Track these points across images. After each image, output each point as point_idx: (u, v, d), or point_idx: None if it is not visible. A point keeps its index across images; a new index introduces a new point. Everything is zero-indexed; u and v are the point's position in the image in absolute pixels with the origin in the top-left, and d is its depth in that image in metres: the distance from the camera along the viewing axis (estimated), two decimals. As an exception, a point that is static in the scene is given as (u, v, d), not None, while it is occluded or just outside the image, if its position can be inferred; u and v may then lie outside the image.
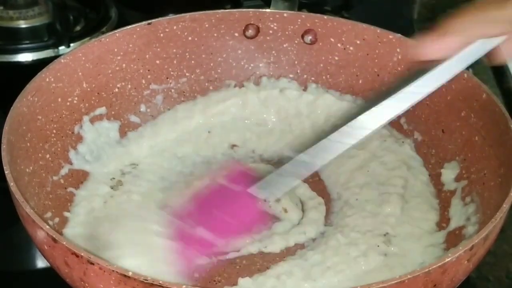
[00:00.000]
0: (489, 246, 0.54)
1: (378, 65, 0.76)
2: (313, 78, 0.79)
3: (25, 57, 0.87)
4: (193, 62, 0.78)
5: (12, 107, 0.62)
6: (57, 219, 0.63)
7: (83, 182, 0.69)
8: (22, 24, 0.89)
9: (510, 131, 0.61)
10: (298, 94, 0.78)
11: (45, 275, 0.65)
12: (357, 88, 0.77)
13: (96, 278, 0.48)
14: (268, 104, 0.78)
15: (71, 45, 0.87)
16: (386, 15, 0.97)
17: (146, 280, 0.46)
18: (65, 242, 0.49)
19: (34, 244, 0.54)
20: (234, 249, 0.63)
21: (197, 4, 0.80)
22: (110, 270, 0.47)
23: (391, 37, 0.75)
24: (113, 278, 0.47)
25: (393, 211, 0.65)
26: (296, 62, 0.80)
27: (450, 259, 0.49)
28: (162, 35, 0.76)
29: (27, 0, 0.91)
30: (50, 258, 0.52)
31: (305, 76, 0.79)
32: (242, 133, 0.76)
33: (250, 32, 0.79)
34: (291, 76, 0.80)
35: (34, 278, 0.66)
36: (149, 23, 0.75)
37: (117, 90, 0.74)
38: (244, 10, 0.79)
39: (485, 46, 0.51)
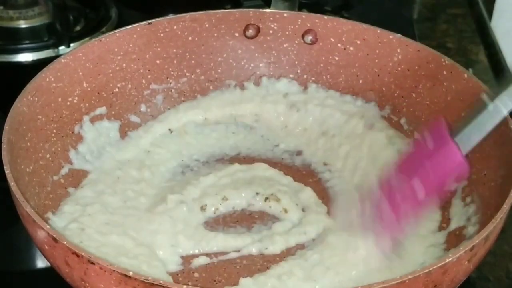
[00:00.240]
0: (489, 246, 0.54)
1: (378, 65, 0.76)
2: (313, 78, 0.79)
3: (25, 57, 0.87)
4: (193, 62, 0.78)
5: (12, 107, 0.62)
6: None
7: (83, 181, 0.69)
8: (22, 24, 0.89)
9: (510, 131, 0.60)
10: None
11: (45, 275, 0.65)
12: (357, 88, 0.77)
13: (96, 278, 0.48)
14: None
15: (71, 45, 0.87)
16: (386, 15, 0.97)
17: (147, 280, 0.46)
18: (65, 242, 0.49)
19: (34, 244, 0.54)
20: (235, 248, 0.63)
21: (197, 4, 0.80)
22: (110, 270, 0.47)
23: (391, 37, 0.75)
24: (113, 278, 0.47)
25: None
26: (296, 62, 0.79)
27: (450, 260, 0.49)
28: (162, 35, 0.76)
29: (27, 0, 0.91)
30: (51, 258, 0.52)
31: (305, 76, 0.79)
32: (243, 132, 0.77)
33: (250, 32, 0.79)
34: (291, 76, 0.80)
35: (34, 278, 0.66)
36: (149, 23, 0.75)
37: (117, 90, 0.74)
38: (244, 10, 0.79)
39: None
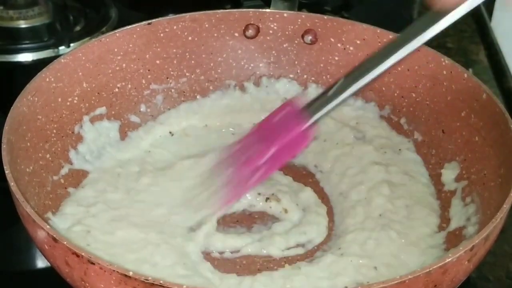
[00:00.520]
0: (489, 246, 0.54)
1: (378, 65, 0.76)
2: (313, 78, 0.79)
3: (25, 57, 0.87)
4: (193, 62, 0.78)
5: (12, 107, 0.62)
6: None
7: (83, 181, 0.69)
8: (22, 24, 0.89)
9: (510, 131, 0.60)
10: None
11: (45, 275, 0.65)
12: (357, 88, 0.77)
13: (96, 278, 0.48)
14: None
15: (71, 45, 0.87)
16: (386, 15, 0.97)
17: (147, 280, 0.46)
18: (65, 242, 0.49)
19: (34, 244, 0.54)
20: (235, 249, 0.63)
21: (197, 4, 0.80)
22: (110, 270, 0.47)
23: (391, 37, 0.74)
24: (113, 278, 0.47)
25: (393, 212, 0.65)
26: (296, 62, 0.80)
27: (450, 260, 0.49)
28: (162, 35, 0.76)
29: (27, 0, 0.90)
30: (51, 258, 0.52)
31: (305, 76, 0.79)
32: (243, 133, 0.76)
33: (250, 32, 0.79)
34: (291, 76, 0.80)
35: (34, 278, 0.66)
36: (149, 23, 0.75)
37: (117, 90, 0.74)
38: (244, 10, 0.79)
39: None
